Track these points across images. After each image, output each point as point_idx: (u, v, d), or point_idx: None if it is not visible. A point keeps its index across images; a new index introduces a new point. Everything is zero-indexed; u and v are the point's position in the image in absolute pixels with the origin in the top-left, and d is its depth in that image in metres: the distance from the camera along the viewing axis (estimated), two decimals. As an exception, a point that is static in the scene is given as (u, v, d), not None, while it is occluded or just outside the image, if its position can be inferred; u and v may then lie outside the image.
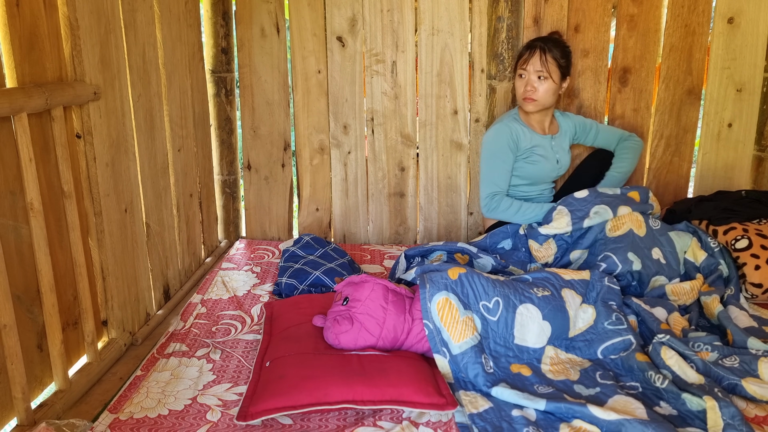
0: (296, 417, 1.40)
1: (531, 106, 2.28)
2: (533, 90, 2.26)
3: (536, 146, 2.32)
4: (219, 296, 2.07)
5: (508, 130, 2.29)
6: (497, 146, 2.29)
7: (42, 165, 1.48)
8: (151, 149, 1.97)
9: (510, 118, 2.35)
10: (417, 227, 2.77)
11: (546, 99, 2.28)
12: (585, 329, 1.69)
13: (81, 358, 1.66)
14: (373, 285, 1.63)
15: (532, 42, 2.31)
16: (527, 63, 2.27)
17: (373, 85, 2.60)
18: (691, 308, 1.91)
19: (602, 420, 1.31)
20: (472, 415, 1.38)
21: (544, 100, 2.28)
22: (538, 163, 2.32)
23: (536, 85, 2.26)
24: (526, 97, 2.28)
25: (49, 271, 1.41)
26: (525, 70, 2.28)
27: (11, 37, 1.36)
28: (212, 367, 1.62)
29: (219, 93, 2.63)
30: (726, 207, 2.26)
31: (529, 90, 2.27)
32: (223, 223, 2.78)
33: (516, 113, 2.37)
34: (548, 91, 2.27)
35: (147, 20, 1.94)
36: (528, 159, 2.32)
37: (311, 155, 2.70)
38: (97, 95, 1.61)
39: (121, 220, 1.76)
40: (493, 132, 2.32)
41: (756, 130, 2.61)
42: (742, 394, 1.46)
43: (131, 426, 1.37)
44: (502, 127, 2.31)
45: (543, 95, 2.27)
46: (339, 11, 2.54)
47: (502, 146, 2.29)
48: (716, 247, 2.08)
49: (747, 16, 2.50)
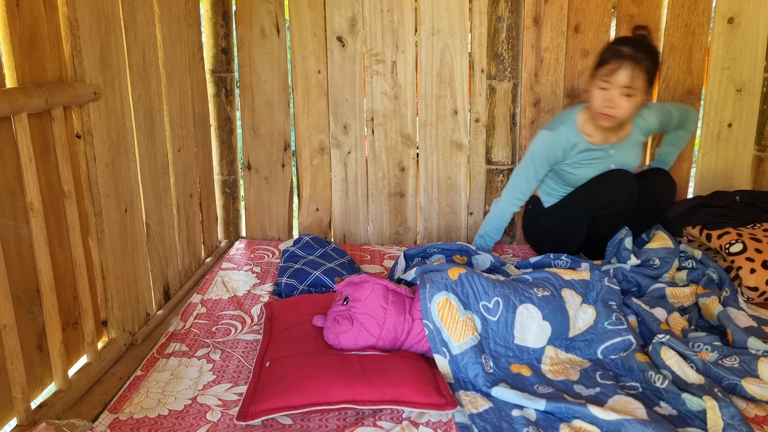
0: (296, 417, 1.40)
1: (607, 122, 2.06)
2: (614, 107, 2.01)
3: (587, 155, 2.17)
4: (219, 296, 2.07)
5: (558, 142, 2.14)
6: (539, 155, 2.17)
7: (42, 165, 1.48)
8: (151, 149, 1.97)
9: (569, 122, 2.16)
10: (417, 227, 2.77)
11: (626, 116, 2.05)
12: (585, 329, 1.69)
13: (81, 358, 1.66)
14: (373, 285, 1.63)
15: (619, 48, 2.00)
16: (612, 75, 1.98)
17: (373, 85, 2.60)
18: (690, 309, 1.91)
19: (602, 420, 1.31)
20: (472, 415, 1.38)
21: (624, 117, 2.05)
22: (583, 169, 2.18)
23: (618, 101, 1.99)
24: (605, 113, 2.03)
25: (49, 271, 1.41)
26: (608, 83, 1.99)
27: (11, 37, 1.36)
28: (212, 367, 1.62)
29: (219, 93, 2.63)
30: (720, 212, 2.27)
31: (610, 107, 2.01)
32: (223, 223, 2.78)
33: (576, 116, 2.17)
34: (631, 109, 2.02)
35: (147, 20, 1.94)
36: (572, 165, 2.19)
37: (311, 155, 2.70)
38: (97, 95, 1.61)
39: (121, 220, 1.76)
40: (545, 139, 2.16)
41: (756, 130, 2.61)
42: (742, 394, 1.46)
43: (131, 426, 1.37)
44: (555, 137, 2.15)
45: (624, 113, 2.02)
46: (339, 11, 2.54)
47: (543, 157, 2.17)
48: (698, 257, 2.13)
49: (747, 16, 2.50)
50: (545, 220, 2.33)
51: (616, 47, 2.02)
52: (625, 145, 2.21)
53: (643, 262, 2.07)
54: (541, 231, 2.35)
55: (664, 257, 2.07)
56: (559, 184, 2.30)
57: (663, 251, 2.08)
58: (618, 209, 2.13)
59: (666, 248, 2.09)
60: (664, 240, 2.13)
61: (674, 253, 2.09)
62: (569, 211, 2.25)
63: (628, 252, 2.07)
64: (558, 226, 2.28)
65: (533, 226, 2.39)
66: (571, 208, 2.24)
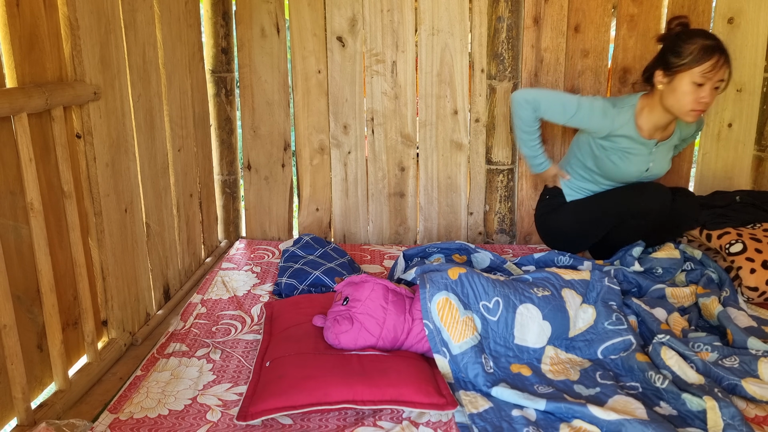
0: (296, 417, 1.40)
1: (695, 118, 2.01)
2: (708, 103, 1.96)
3: (632, 145, 2.11)
4: (219, 296, 2.07)
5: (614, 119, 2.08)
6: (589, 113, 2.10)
7: (42, 165, 1.48)
8: (151, 149, 1.97)
9: (628, 107, 2.10)
10: (417, 227, 2.77)
11: None
12: (585, 329, 1.69)
13: (81, 358, 1.66)
14: (373, 285, 1.63)
15: (708, 43, 1.94)
16: (713, 71, 1.92)
17: (373, 85, 2.60)
18: (690, 309, 1.91)
19: (602, 420, 1.31)
20: (472, 415, 1.38)
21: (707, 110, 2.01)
22: (623, 162, 2.13)
23: (710, 96, 1.95)
24: (697, 109, 1.96)
25: (49, 271, 1.41)
26: (708, 78, 1.93)
27: (11, 37, 1.36)
28: (212, 367, 1.62)
29: (219, 93, 2.63)
30: (720, 212, 2.27)
31: (704, 102, 1.95)
32: (223, 223, 2.78)
33: (636, 103, 2.11)
34: None
35: (147, 20, 1.94)
36: (613, 152, 2.12)
37: (311, 155, 2.70)
38: (97, 95, 1.61)
39: (121, 220, 1.76)
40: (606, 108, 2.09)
41: (756, 130, 2.61)
42: (742, 394, 1.46)
43: (131, 426, 1.37)
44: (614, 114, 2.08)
45: (710, 106, 2.00)
46: (339, 11, 2.54)
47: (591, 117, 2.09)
48: (698, 256, 2.13)
49: (747, 16, 2.50)
50: (566, 214, 2.28)
51: (703, 42, 1.94)
52: (664, 146, 2.18)
53: (646, 270, 2.07)
54: (558, 223, 2.31)
55: (668, 267, 2.07)
56: (589, 174, 2.23)
57: (668, 261, 2.08)
58: (646, 222, 2.11)
59: (671, 258, 2.09)
60: (671, 250, 2.12)
61: (678, 264, 2.08)
62: (597, 211, 2.21)
63: (632, 259, 2.07)
64: (580, 222, 2.24)
65: (550, 217, 2.35)
66: (601, 208, 2.20)
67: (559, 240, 2.30)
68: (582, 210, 2.26)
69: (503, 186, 2.65)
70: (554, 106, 2.16)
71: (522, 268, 2.13)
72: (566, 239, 2.27)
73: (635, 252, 2.09)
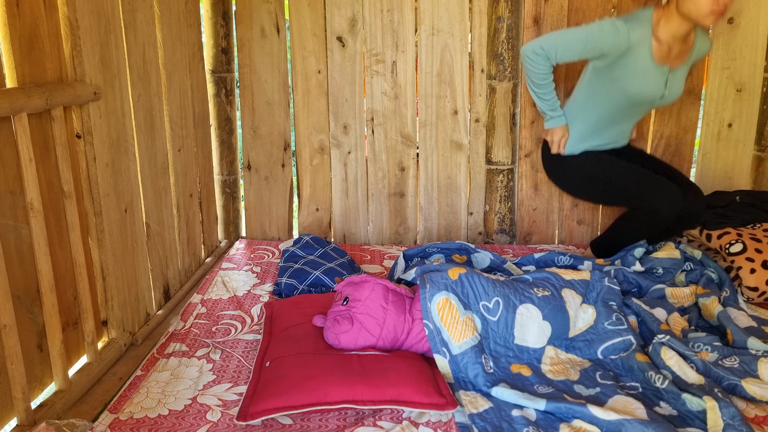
0: (296, 417, 1.40)
1: (715, 21, 1.90)
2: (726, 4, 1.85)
3: (647, 66, 2.03)
4: (219, 296, 2.07)
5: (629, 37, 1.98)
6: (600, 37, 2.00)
7: (42, 165, 1.48)
8: (151, 149, 1.97)
9: (644, 20, 2.01)
10: (417, 227, 2.77)
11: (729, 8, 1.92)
12: (585, 329, 1.69)
13: (81, 358, 1.66)
14: (374, 285, 1.63)
15: None
16: None
17: (373, 85, 2.60)
18: (690, 309, 1.91)
19: (602, 420, 1.31)
20: (472, 415, 1.38)
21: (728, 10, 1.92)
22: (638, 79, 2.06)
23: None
24: (717, 10, 1.87)
25: (49, 271, 1.42)
26: None
27: (11, 37, 1.36)
28: (212, 367, 1.62)
29: (219, 93, 2.63)
30: (720, 212, 2.27)
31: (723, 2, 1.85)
32: (223, 223, 2.78)
33: (651, 15, 2.02)
34: None
35: (147, 20, 1.94)
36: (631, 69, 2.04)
37: (311, 155, 2.70)
38: (97, 95, 1.61)
39: (121, 220, 1.76)
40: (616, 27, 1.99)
41: (756, 130, 2.61)
42: (742, 394, 1.46)
43: (131, 426, 1.37)
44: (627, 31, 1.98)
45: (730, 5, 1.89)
46: (339, 11, 2.54)
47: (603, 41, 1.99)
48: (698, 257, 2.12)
49: (747, 16, 2.50)
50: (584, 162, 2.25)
51: None
52: (681, 70, 2.13)
53: (647, 270, 2.07)
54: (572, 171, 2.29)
55: (669, 267, 2.06)
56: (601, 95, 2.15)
57: (668, 261, 2.08)
58: (651, 219, 2.09)
59: (672, 258, 2.08)
60: (671, 250, 2.12)
61: (679, 264, 2.08)
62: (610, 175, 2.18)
63: (634, 259, 2.07)
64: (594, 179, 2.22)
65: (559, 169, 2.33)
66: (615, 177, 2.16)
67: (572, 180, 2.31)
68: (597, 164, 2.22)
69: (503, 186, 2.65)
70: (565, 45, 2.06)
71: (522, 268, 2.13)
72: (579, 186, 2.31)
73: (637, 252, 2.09)
